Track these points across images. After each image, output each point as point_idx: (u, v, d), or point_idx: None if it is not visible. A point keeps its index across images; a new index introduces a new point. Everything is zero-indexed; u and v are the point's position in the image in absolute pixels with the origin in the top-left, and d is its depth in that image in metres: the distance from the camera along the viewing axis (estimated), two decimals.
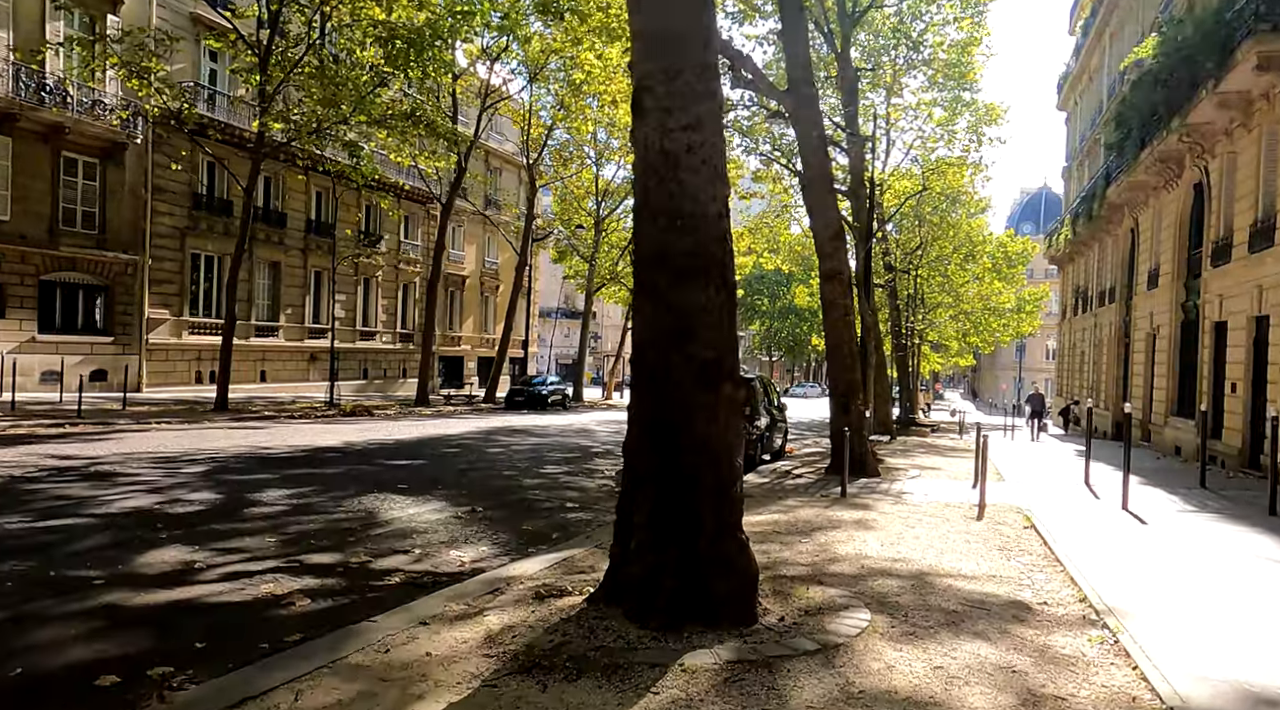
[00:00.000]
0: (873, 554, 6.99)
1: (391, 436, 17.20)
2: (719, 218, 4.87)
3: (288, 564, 6.16)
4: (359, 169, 24.37)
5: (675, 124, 4.84)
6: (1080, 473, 14.67)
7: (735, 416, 4.82)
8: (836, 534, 7.89)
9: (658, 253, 4.84)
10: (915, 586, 5.85)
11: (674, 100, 4.86)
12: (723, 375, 4.75)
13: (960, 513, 9.88)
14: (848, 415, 13.53)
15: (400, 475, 11.24)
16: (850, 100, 20.59)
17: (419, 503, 9.12)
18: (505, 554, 7.00)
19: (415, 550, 6.89)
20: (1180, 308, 21.03)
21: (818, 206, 14.26)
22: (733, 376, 4.80)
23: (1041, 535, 8.37)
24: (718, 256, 4.83)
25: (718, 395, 4.72)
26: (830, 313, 14.20)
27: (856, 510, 9.60)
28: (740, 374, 4.94)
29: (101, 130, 25.18)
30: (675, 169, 4.81)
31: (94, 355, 25.99)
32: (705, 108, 4.91)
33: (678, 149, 4.83)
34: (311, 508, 8.49)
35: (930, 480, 13.58)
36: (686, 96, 4.81)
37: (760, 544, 7.17)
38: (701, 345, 4.72)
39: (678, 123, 4.84)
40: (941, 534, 8.25)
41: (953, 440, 25.75)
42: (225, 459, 11.97)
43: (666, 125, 4.85)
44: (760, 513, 9.11)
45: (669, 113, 4.86)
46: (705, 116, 4.90)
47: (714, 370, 4.73)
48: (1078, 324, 37.16)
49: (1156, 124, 20.07)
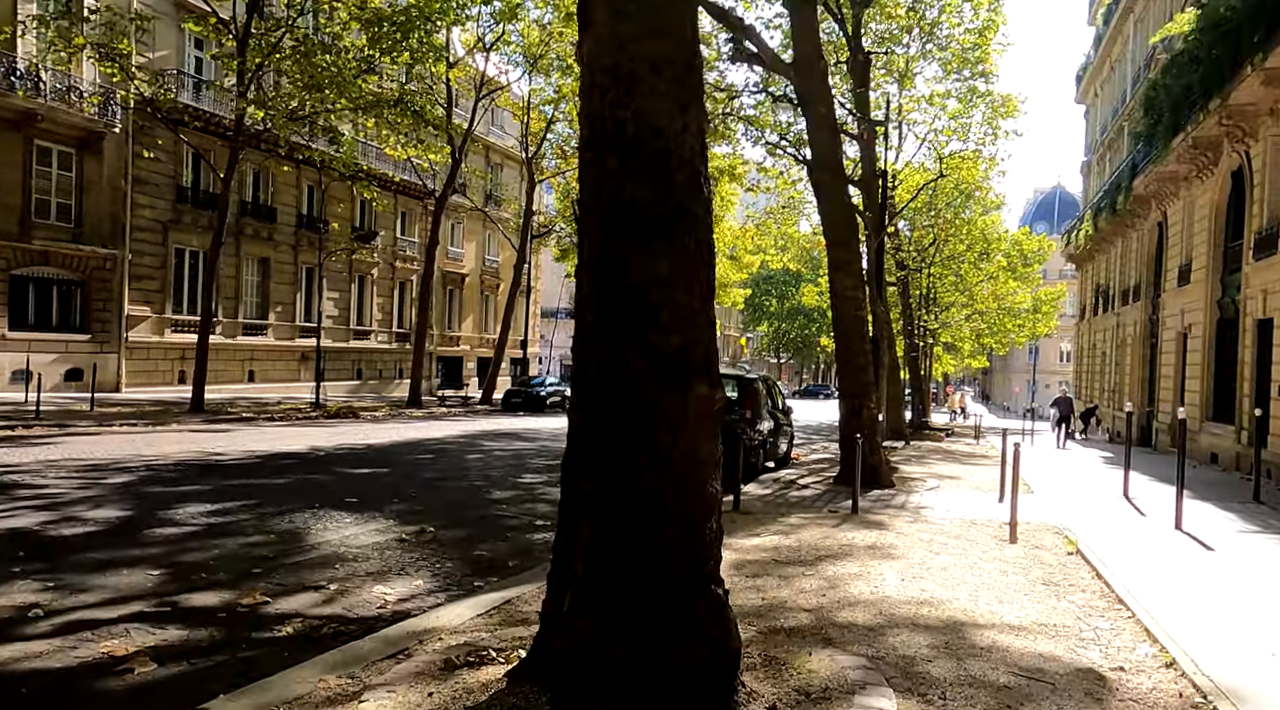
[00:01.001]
0: (892, 593, 5.69)
1: (366, 441, 15.97)
2: (691, 156, 3.60)
3: (156, 608, 4.91)
4: (340, 157, 23.17)
5: (632, 32, 3.57)
6: (1116, 484, 13.33)
7: (710, 425, 3.54)
8: (847, 564, 6.59)
9: (608, 204, 3.56)
10: (950, 645, 4.55)
11: (632, 2, 3.59)
12: (693, 370, 3.47)
13: (989, 533, 8.57)
14: (859, 419, 12.23)
15: (355, 486, 9.99)
16: (861, 83, 19.28)
17: (362, 521, 7.87)
18: (443, 589, 5.74)
19: (332, 586, 5.63)
20: (1216, 305, 19.61)
21: (827, 190, 12.97)
22: (707, 372, 3.53)
23: (1091, 564, 7.05)
24: (689, 208, 3.56)
25: (686, 397, 3.45)
26: (840, 307, 12.91)
27: (870, 530, 8.30)
28: (719, 369, 3.66)
29: (77, 118, 24.05)
30: (632, 91, 3.54)
31: (69, 354, 24.87)
32: (675, 10, 3.64)
33: (636, 66, 3.56)
34: (229, 528, 7.24)
35: (950, 492, 12.26)
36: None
37: (754, 579, 5.89)
38: (666, 331, 3.45)
39: (636, 30, 3.57)
40: (972, 562, 6.95)
41: (969, 445, 24.39)
42: (163, 467, 10.75)
43: (619, 33, 3.58)
44: (758, 533, 7.82)
45: (624, 17, 3.59)
46: (674, 21, 3.63)
47: (682, 364, 3.46)
48: (1098, 324, 35.70)
49: (1191, 107, 18.67)
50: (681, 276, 3.50)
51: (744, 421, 13.14)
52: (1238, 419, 17.43)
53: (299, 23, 21.88)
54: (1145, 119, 22.35)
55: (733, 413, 13.37)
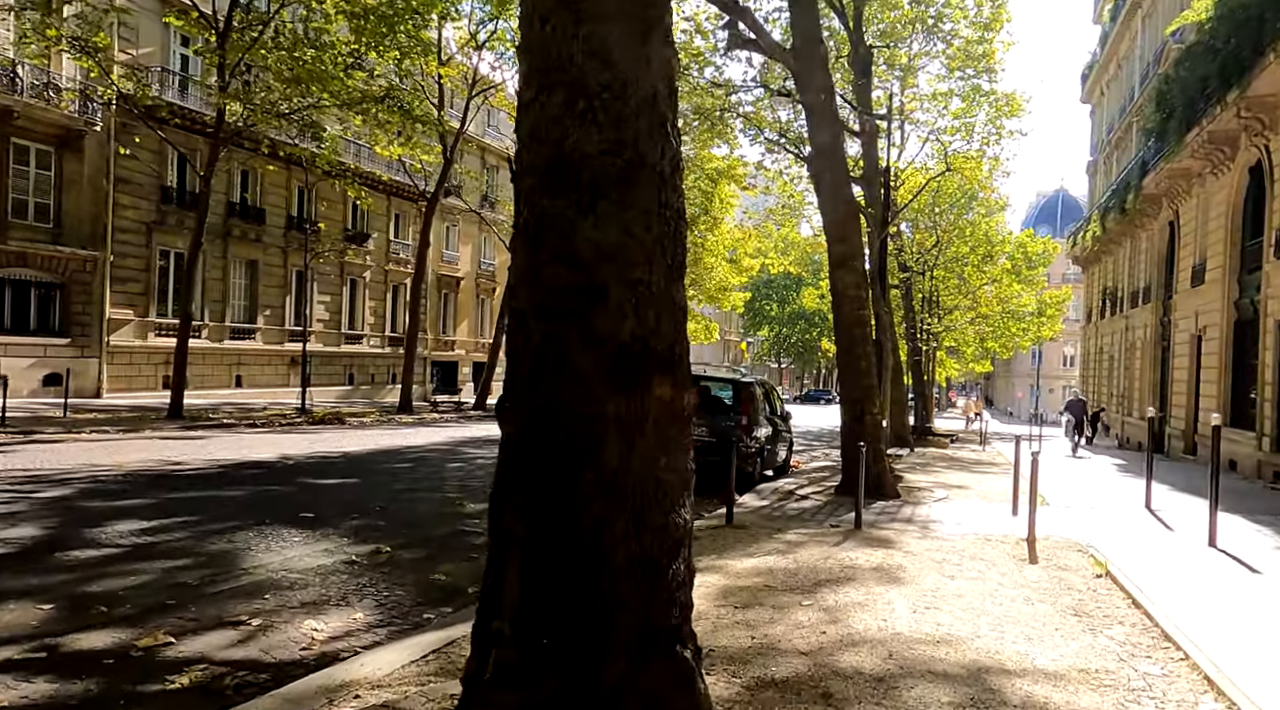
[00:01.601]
0: (904, 629, 4.91)
1: (341, 448, 15.20)
2: (654, 98, 2.84)
3: (29, 654, 4.14)
4: (323, 153, 22.43)
5: None
6: (1135, 494, 12.56)
7: (678, 435, 2.78)
8: (851, 591, 5.81)
9: (548, 156, 2.81)
10: (977, 702, 3.77)
11: None
12: (653, 365, 2.71)
13: (1007, 552, 7.79)
14: (861, 426, 11.45)
15: (315, 499, 9.22)
16: (863, 75, 18.54)
17: (311, 540, 7.10)
18: (385, 623, 4.98)
19: (254, 621, 4.86)
20: (1233, 305, 18.83)
21: (827, 182, 12.22)
22: (673, 368, 2.77)
23: (1125, 590, 6.27)
24: (649, 162, 2.80)
25: (644, 399, 2.68)
26: (842, 307, 12.14)
27: (875, 548, 7.52)
28: (688, 364, 2.89)
29: (56, 116, 23.36)
30: (580, 14, 2.78)
31: (47, 358, 24.12)
32: None
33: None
34: (156, 550, 6.47)
35: (960, 503, 11.48)
36: None
37: (743, 611, 5.12)
38: (617, 315, 2.69)
39: None
40: (991, 588, 6.17)
41: (974, 452, 23.60)
42: (111, 478, 9.97)
43: None
44: (751, 553, 7.04)
45: None
46: None
47: (639, 357, 2.70)
48: (1105, 327, 34.93)
49: (1207, 100, 17.92)
50: (638, 247, 2.74)
51: (740, 428, 12.38)
52: (1259, 424, 16.65)
53: (283, 15, 21.17)
54: (1156, 114, 21.61)
55: (728, 419, 12.62)
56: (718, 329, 51.57)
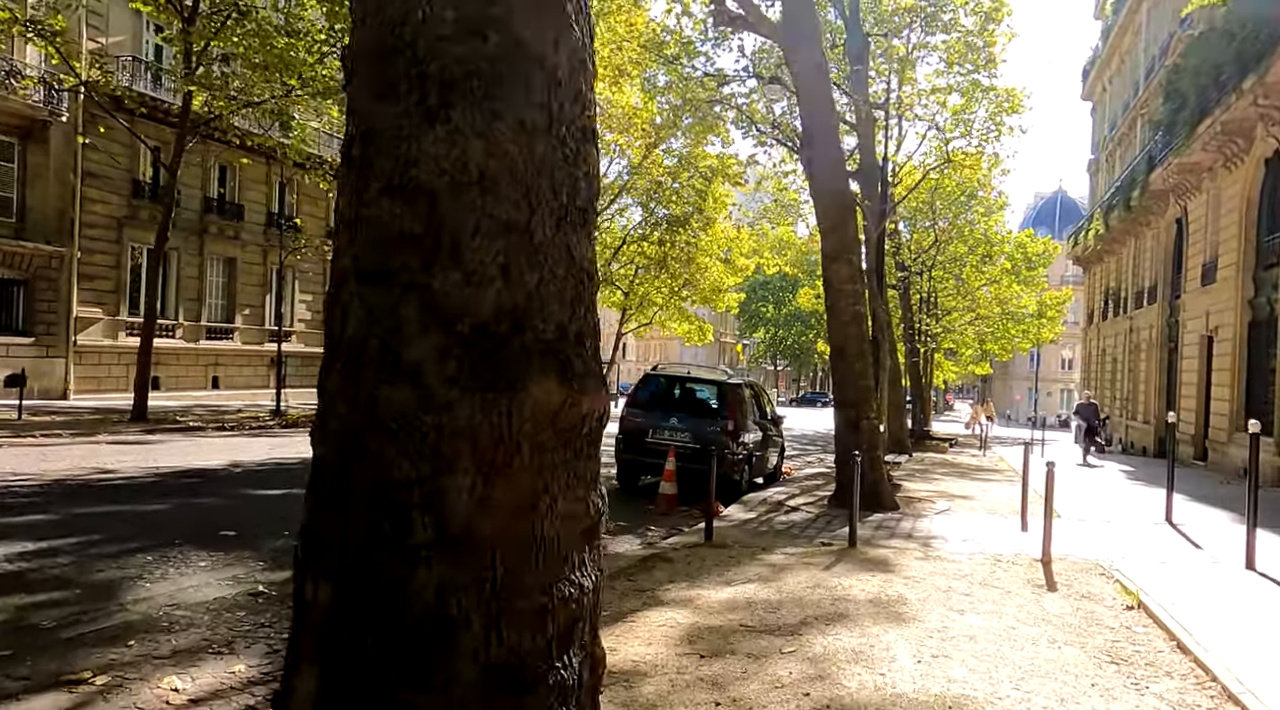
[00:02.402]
0: (907, 688, 3.97)
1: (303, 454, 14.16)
2: None
3: None
4: (291, 144, 21.48)
5: None
6: (1151, 505, 11.66)
7: (570, 458, 1.84)
8: (843, 632, 4.87)
9: (383, 40, 1.86)
10: None
11: None
12: (531, 356, 1.78)
13: (1021, 576, 6.87)
14: (857, 433, 10.51)
15: (245, 513, 8.27)
16: (859, 60, 17.63)
17: (220, 565, 6.15)
18: (270, 678, 4.04)
19: (101, 677, 3.91)
20: (1248, 304, 17.93)
21: (820, 167, 11.30)
22: (562, 361, 1.83)
23: (1164, 626, 5.35)
24: (539, 50, 1.87)
25: (514, 408, 1.75)
26: (836, 303, 11.20)
27: (872, 573, 6.59)
28: (593, 357, 1.95)
29: (18, 105, 22.37)
30: None
31: (10, 358, 23.10)
32: None
33: None
34: (27, 578, 5.51)
35: (964, 515, 10.56)
36: None
37: (710, 662, 4.17)
38: (479, 278, 1.75)
39: None
40: (1007, 626, 5.24)
41: (974, 457, 22.71)
42: (23, 489, 9.00)
43: None
44: (729, 581, 6.10)
45: None
46: None
47: (509, 344, 1.76)
48: (1108, 329, 34.06)
49: (1221, 88, 17.04)
50: (510, 174, 1.81)
51: (725, 433, 11.45)
52: (1277, 429, 15.75)
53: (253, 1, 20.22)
54: (1165, 106, 20.76)
55: (713, 423, 11.70)
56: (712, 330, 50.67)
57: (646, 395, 12.45)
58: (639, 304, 43.44)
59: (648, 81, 23.82)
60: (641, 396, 12.47)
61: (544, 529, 1.75)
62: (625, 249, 41.16)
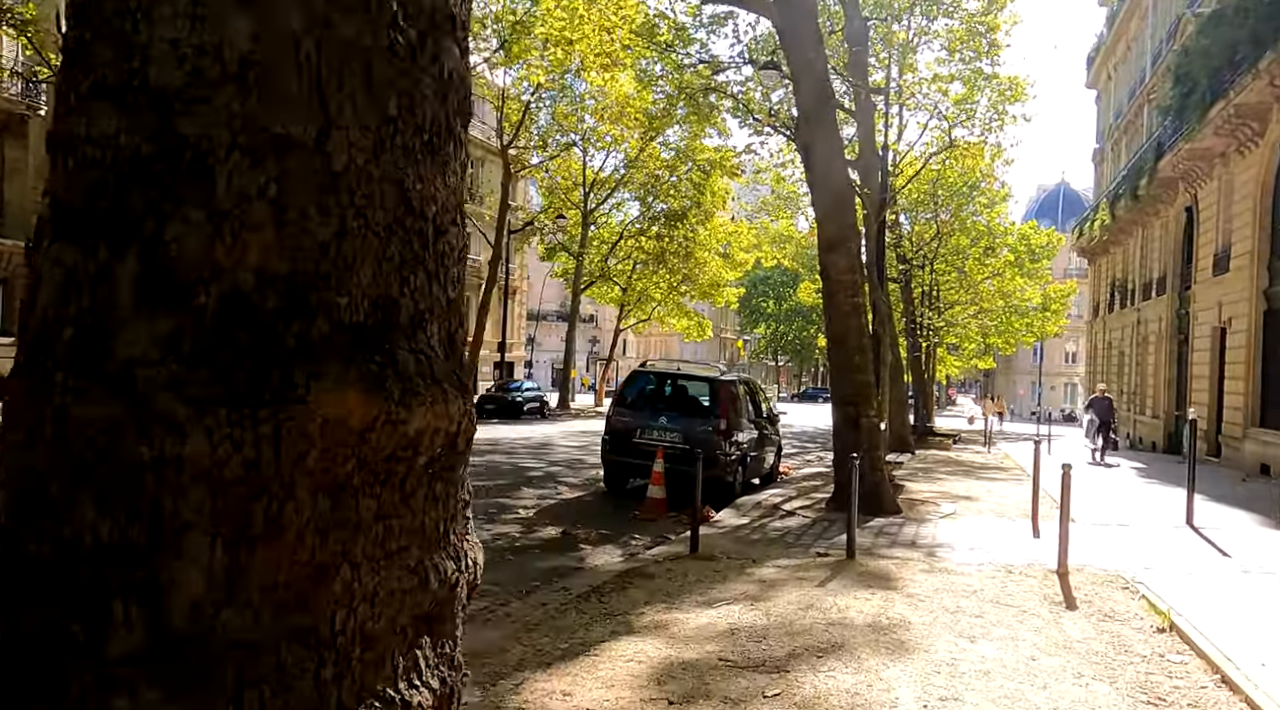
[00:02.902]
0: None
1: None
2: None
3: None
4: None
5: None
6: (1169, 506, 11.02)
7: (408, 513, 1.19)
8: (837, 668, 4.23)
9: None
10: None
11: None
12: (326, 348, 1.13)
13: (1035, 590, 6.23)
14: (856, 432, 9.87)
15: None
16: (859, 43, 16.95)
17: None
18: None
19: None
20: (1263, 295, 17.25)
21: (816, 152, 10.64)
22: (385, 357, 1.17)
23: (1205, 655, 4.71)
24: None
25: (282, 431, 1.09)
26: (834, 295, 10.55)
27: (871, 590, 5.95)
28: (448, 352, 1.30)
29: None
30: None
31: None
32: None
33: None
34: None
35: (971, 519, 9.92)
36: None
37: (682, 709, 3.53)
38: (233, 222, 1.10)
39: None
40: (1026, 656, 4.60)
41: (978, 453, 22.04)
42: None
43: None
44: (711, 602, 5.46)
45: None
46: None
47: (282, 329, 1.10)
48: (1114, 321, 33.37)
49: (1235, 69, 16.35)
50: (296, 65, 1.16)
51: (718, 433, 10.80)
52: None
53: None
54: (1174, 90, 20.03)
55: (704, 423, 11.06)
56: (711, 326, 50.04)
57: (634, 393, 11.83)
58: (637, 300, 42.84)
59: (643, 72, 23.08)
60: (629, 395, 11.84)
61: (342, 622, 1.11)
62: (623, 244, 40.57)
